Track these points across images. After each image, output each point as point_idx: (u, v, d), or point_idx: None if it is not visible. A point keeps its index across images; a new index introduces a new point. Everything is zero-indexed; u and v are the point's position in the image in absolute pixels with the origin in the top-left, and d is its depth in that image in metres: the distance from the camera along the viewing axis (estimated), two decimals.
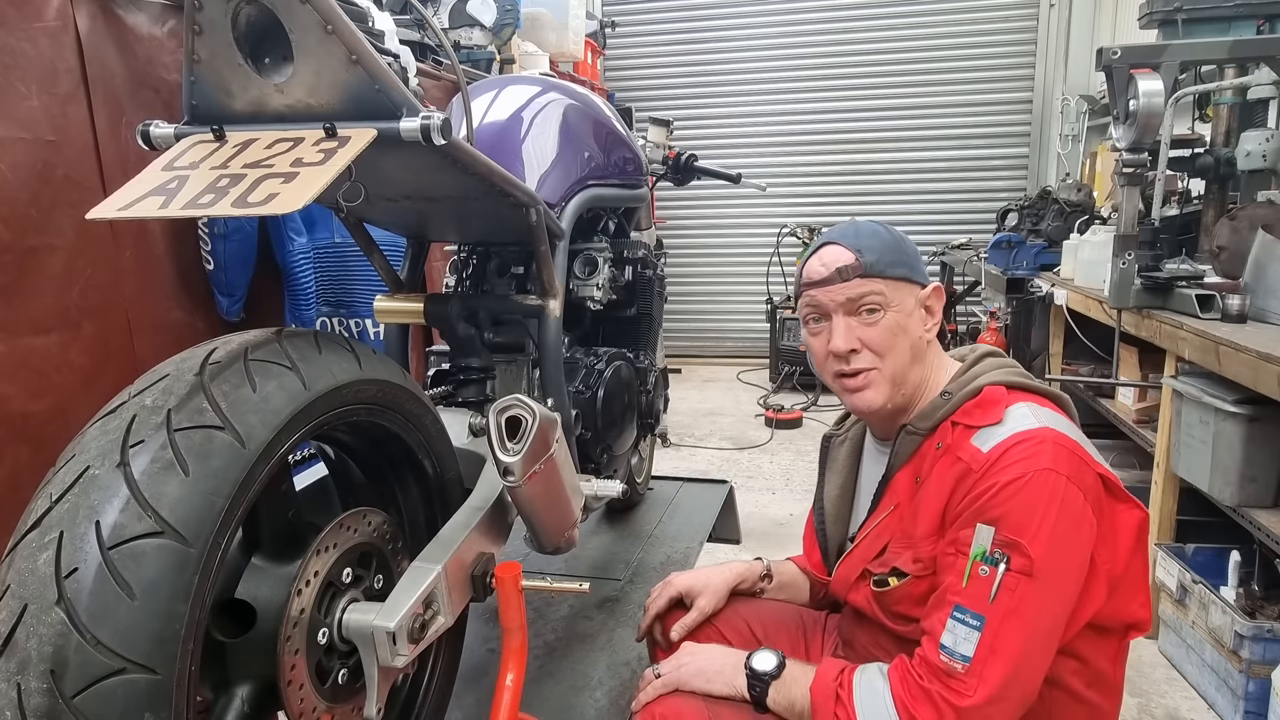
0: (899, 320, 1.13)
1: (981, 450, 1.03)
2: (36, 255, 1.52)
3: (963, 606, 0.98)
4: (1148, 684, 2.15)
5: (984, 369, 1.15)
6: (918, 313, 1.16)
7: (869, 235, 1.16)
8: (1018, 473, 0.99)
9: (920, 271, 1.17)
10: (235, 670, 0.95)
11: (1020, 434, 1.02)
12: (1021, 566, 0.96)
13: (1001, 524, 0.98)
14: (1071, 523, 0.98)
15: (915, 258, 1.17)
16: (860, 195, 5.72)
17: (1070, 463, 1.00)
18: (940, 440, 1.11)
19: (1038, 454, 1.00)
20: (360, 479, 1.24)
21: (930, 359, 1.18)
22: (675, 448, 4.09)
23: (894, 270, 1.13)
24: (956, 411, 1.11)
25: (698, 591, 1.35)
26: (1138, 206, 2.36)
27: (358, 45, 0.92)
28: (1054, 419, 1.06)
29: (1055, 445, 1.00)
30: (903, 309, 1.14)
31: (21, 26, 1.48)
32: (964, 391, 1.11)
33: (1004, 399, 1.08)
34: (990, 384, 1.11)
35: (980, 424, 1.06)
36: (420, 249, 1.62)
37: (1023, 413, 1.06)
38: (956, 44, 5.44)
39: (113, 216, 0.85)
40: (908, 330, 1.14)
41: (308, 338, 0.98)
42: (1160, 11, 2.69)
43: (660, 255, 2.09)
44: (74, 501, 0.76)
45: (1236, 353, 1.86)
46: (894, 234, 1.17)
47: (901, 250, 1.15)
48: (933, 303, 1.17)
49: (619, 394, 1.75)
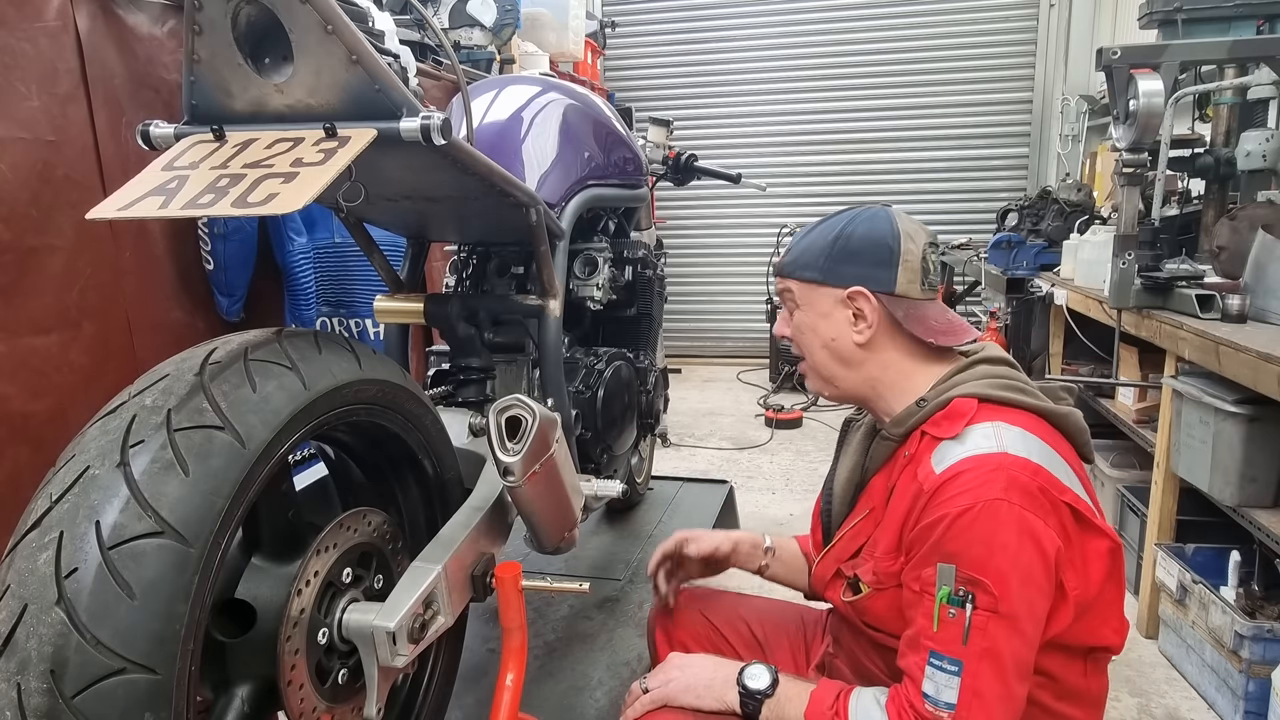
0: (808, 319, 1.16)
1: (934, 471, 1.01)
2: (36, 255, 1.52)
3: (938, 652, 0.96)
4: (1148, 684, 2.15)
5: (966, 377, 1.11)
6: (837, 315, 1.14)
7: (810, 235, 1.17)
8: (967, 503, 0.96)
9: (842, 275, 1.13)
10: (235, 670, 0.95)
11: (973, 459, 0.99)
12: (987, 604, 0.94)
13: (959, 561, 0.95)
14: (1031, 550, 0.95)
15: (841, 261, 1.13)
16: (860, 195, 5.71)
17: (1026, 491, 0.96)
18: (909, 449, 1.10)
19: (988, 482, 0.96)
20: (360, 479, 1.24)
21: (877, 361, 1.14)
22: (675, 448, 4.09)
23: (802, 272, 1.16)
24: (926, 421, 1.08)
25: (693, 539, 1.39)
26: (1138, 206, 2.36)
27: (358, 45, 0.92)
28: (1020, 441, 1.01)
29: (1009, 473, 0.97)
30: (814, 308, 1.15)
31: (21, 26, 1.48)
32: (935, 401, 1.09)
33: (970, 413, 1.05)
34: (963, 395, 1.07)
35: (943, 436, 1.04)
36: (420, 249, 1.62)
37: (984, 433, 1.02)
38: (956, 44, 5.44)
39: (113, 216, 0.85)
40: (818, 329, 1.15)
41: (308, 338, 0.98)
42: (1160, 11, 2.69)
43: (660, 255, 2.09)
44: (74, 501, 0.76)
45: (1236, 353, 1.86)
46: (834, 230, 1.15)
47: (823, 254, 1.14)
48: (860, 305, 1.12)
49: (619, 394, 1.75)
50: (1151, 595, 2.33)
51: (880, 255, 1.12)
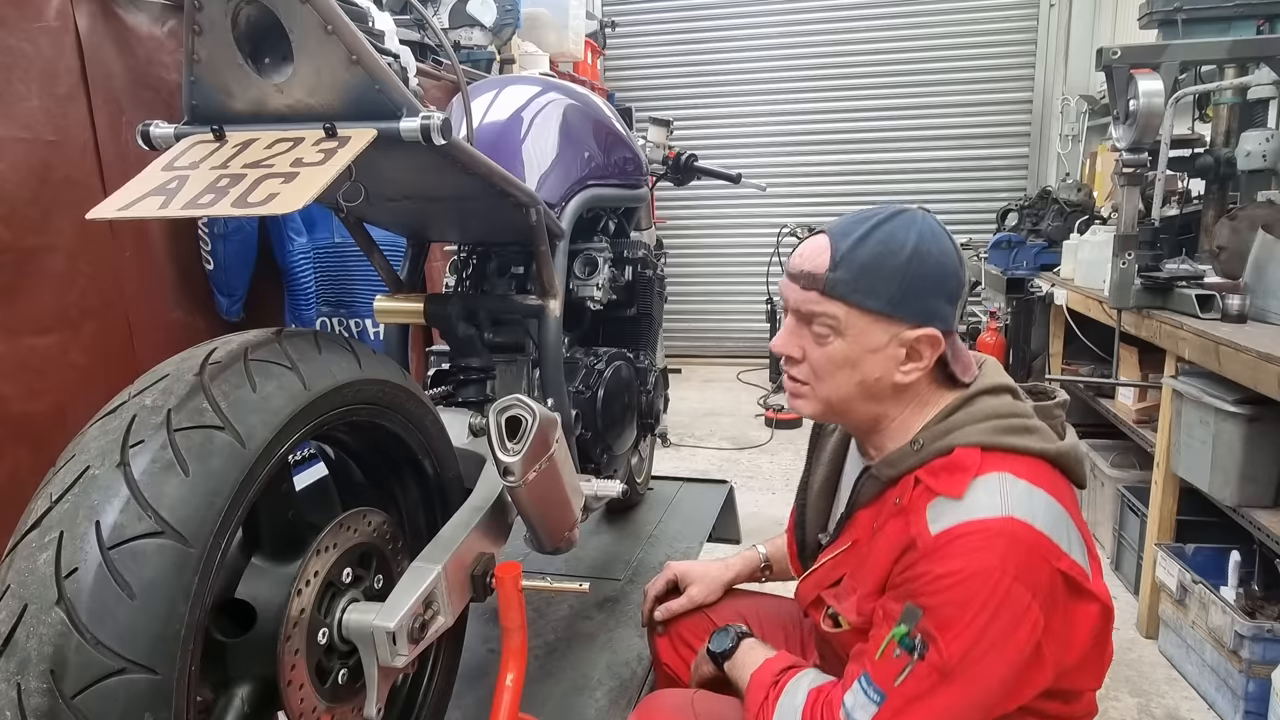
0: (850, 353, 1.01)
1: (930, 531, 0.94)
2: (36, 255, 1.52)
3: (869, 677, 0.95)
4: (1148, 684, 2.15)
5: (966, 419, 1.00)
6: (889, 352, 1.00)
7: (867, 245, 0.99)
8: (958, 565, 0.90)
9: (913, 309, 0.99)
10: (235, 670, 0.95)
11: (975, 522, 0.92)
12: (935, 662, 0.91)
13: (929, 613, 0.91)
14: (1008, 626, 0.90)
15: (914, 292, 0.98)
16: (860, 195, 5.71)
17: (1024, 560, 0.90)
18: (900, 495, 1.01)
19: (987, 549, 0.90)
20: (360, 479, 1.24)
21: (901, 401, 1.04)
22: (675, 448, 4.09)
23: (866, 300, 0.98)
24: (922, 467, 1.00)
25: (692, 580, 1.40)
26: (1138, 206, 2.36)
27: (358, 45, 0.92)
28: (1026, 499, 0.94)
29: (1010, 540, 0.90)
30: (862, 343, 1.00)
31: (21, 26, 1.48)
32: (934, 448, 1.00)
33: (975, 466, 0.96)
34: (966, 444, 0.98)
35: (940, 491, 0.96)
36: (420, 249, 1.62)
37: (989, 490, 0.94)
38: (956, 44, 5.44)
39: (113, 216, 0.85)
40: (858, 366, 1.01)
41: (308, 338, 0.98)
42: (1160, 11, 2.69)
43: (660, 255, 2.09)
44: (74, 501, 0.76)
45: (1236, 353, 1.86)
46: (905, 250, 0.98)
47: (895, 280, 0.98)
48: (922, 347, 1.00)
49: (619, 394, 1.75)
50: (1151, 595, 2.33)
51: (951, 288, 1.00)
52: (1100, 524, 2.94)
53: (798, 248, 1.06)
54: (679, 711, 1.16)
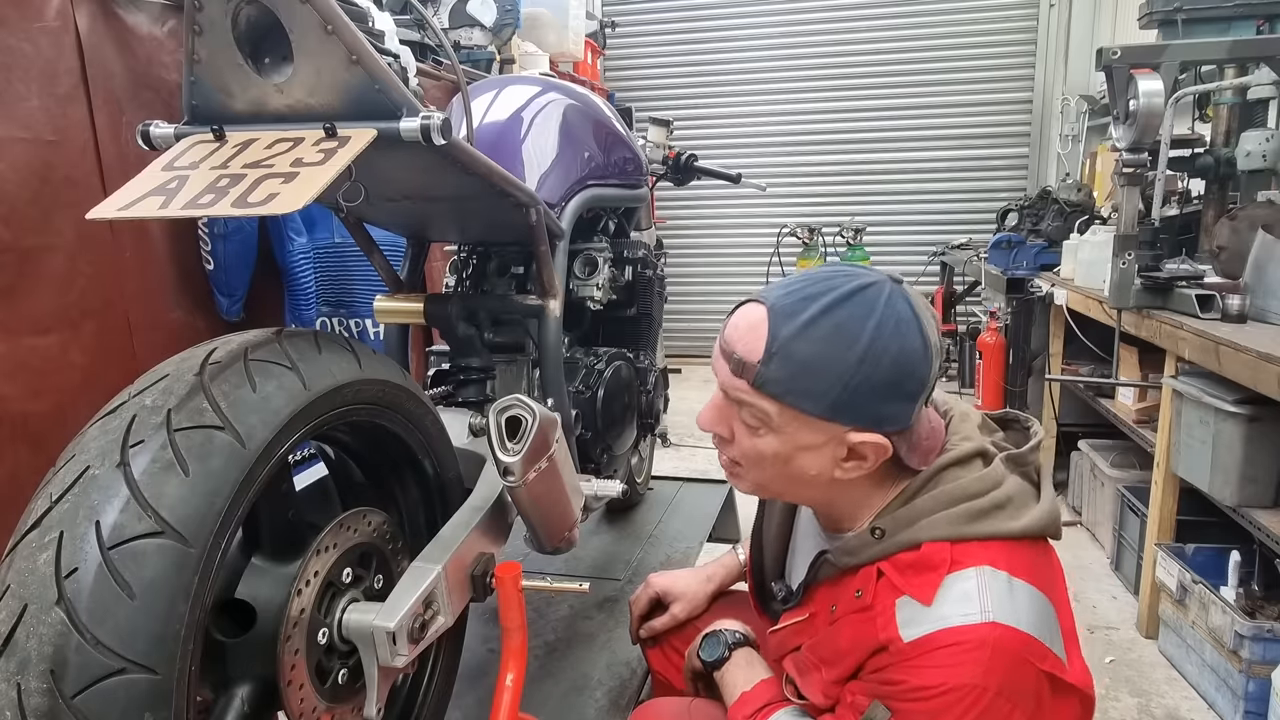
0: (781, 450, 0.91)
1: (902, 638, 0.86)
2: (36, 255, 1.52)
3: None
4: (1148, 684, 2.15)
5: (930, 506, 0.90)
6: (827, 451, 0.90)
7: (810, 336, 0.86)
8: (937, 680, 0.83)
9: (859, 416, 0.87)
10: (235, 670, 0.95)
11: (955, 631, 0.84)
12: None
13: (898, 718, 0.85)
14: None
15: (862, 397, 0.86)
16: (860, 195, 5.72)
17: (1008, 672, 0.83)
18: (862, 587, 0.92)
19: (967, 663, 0.83)
20: (360, 479, 1.23)
21: (844, 490, 0.95)
22: (675, 448, 4.09)
23: (801, 402, 0.87)
24: (886, 559, 0.91)
25: (675, 596, 1.36)
26: (1138, 206, 2.36)
27: (358, 45, 0.92)
28: (1008, 598, 0.85)
29: (994, 650, 0.83)
30: (795, 441, 0.90)
31: (21, 26, 1.48)
32: (898, 540, 0.90)
33: (945, 564, 0.87)
34: (933, 540, 0.88)
35: (908, 592, 0.87)
36: (420, 249, 1.62)
37: (964, 592, 0.85)
38: (956, 44, 5.44)
39: (113, 216, 0.85)
40: (791, 463, 0.91)
41: (308, 338, 0.98)
42: (1160, 11, 2.69)
43: (660, 255, 2.09)
44: (74, 501, 0.76)
45: (1236, 353, 1.86)
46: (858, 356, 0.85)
47: (839, 384, 0.85)
48: (865, 450, 0.89)
49: (619, 394, 1.75)
50: (1151, 595, 2.33)
51: (911, 388, 0.88)
52: (1100, 524, 2.94)
53: (732, 316, 0.94)
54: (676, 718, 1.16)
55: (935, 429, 0.97)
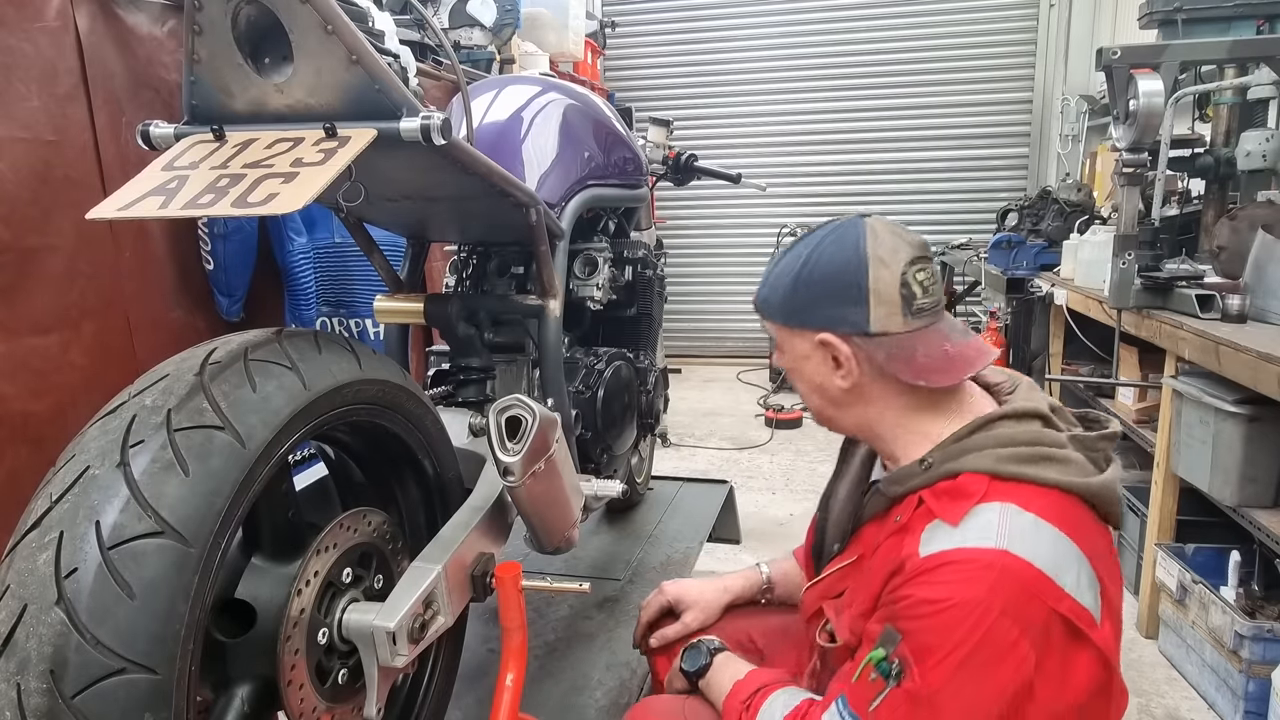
0: (792, 364, 1.07)
1: (918, 554, 0.91)
2: (36, 255, 1.52)
3: (846, 700, 0.93)
4: (1148, 684, 2.15)
5: (981, 443, 0.96)
6: (815, 358, 1.03)
7: (780, 261, 1.06)
8: (940, 594, 0.87)
9: (805, 316, 1.02)
10: (235, 670, 0.95)
11: (964, 551, 0.88)
12: (910, 690, 0.87)
13: (907, 638, 0.89)
14: (991, 658, 0.86)
15: (804, 300, 1.01)
16: (860, 195, 5.71)
17: (1015, 596, 0.86)
18: (903, 513, 0.99)
19: (973, 581, 0.86)
20: (360, 479, 1.24)
21: (870, 405, 1.03)
22: (675, 448, 4.09)
23: (775, 315, 1.06)
24: (927, 488, 0.97)
25: (688, 604, 1.33)
26: (1138, 206, 2.36)
27: (358, 45, 0.92)
28: (1030, 534, 0.89)
29: (1001, 574, 0.86)
30: (794, 353, 1.06)
31: (21, 26, 1.48)
32: (942, 470, 0.96)
33: (977, 494, 0.92)
34: (973, 471, 0.94)
35: (938, 515, 0.93)
36: (420, 249, 1.62)
37: (987, 522, 0.90)
38: (956, 44, 5.44)
39: (113, 216, 0.85)
40: (802, 375, 1.06)
41: (308, 338, 0.98)
42: (1160, 11, 2.69)
43: (660, 255, 2.09)
44: (74, 501, 0.76)
45: (1236, 353, 1.86)
46: (798, 261, 1.02)
47: (789, 291, 1.03)
48: (834, 351, 1.00)
49: (619, 394, 1.75)
50: (1151, 595, 2.33)
51: (846, 293, 0.99)
52: None
53: None
54: (670, 717, 1.16)
55: (954, 355, 1.00)
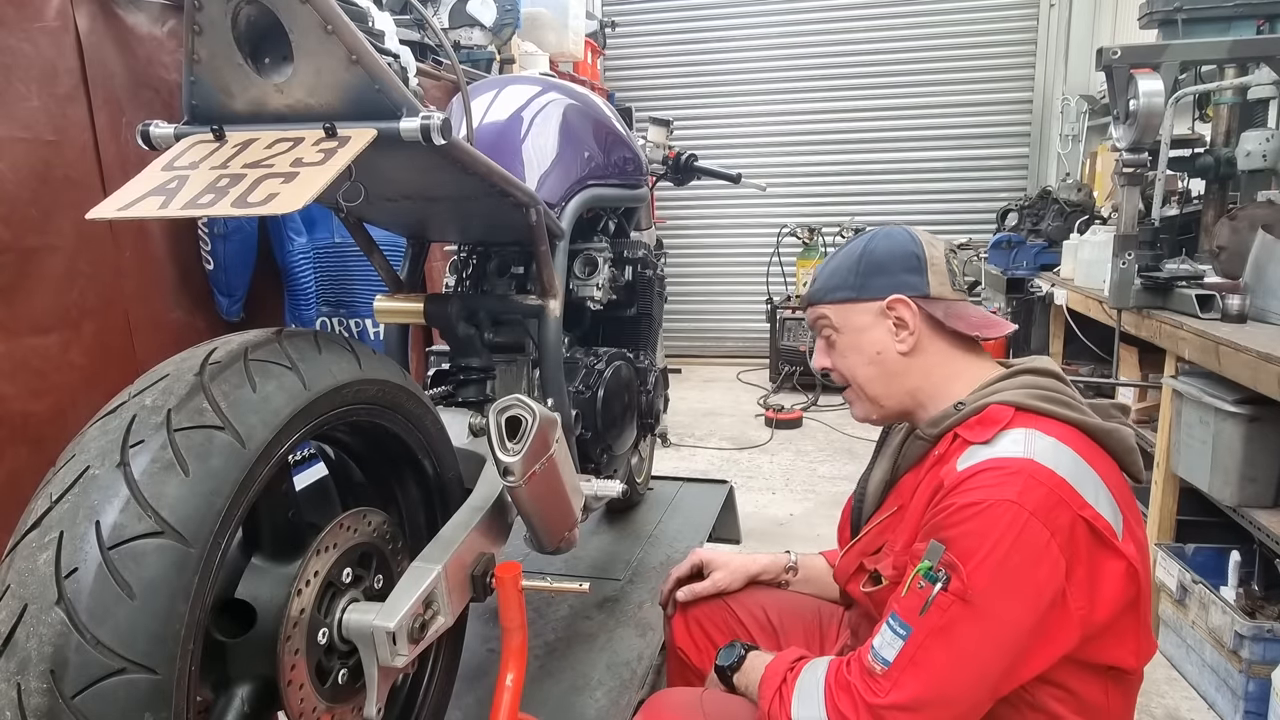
0: (850, 340, 1.17)
1: (956, 469, 1.01)
2: (36, 255, 1.52)
3: (896, 614, 0.99)
4: (1148, 684, 2.14)
5: (1007, 385, 1.09)
6: (879, 327, 1.14)
7: (834, 260, 1.20)
8: (978, 498, 0.96)
9: (872, 287, 1.14)
10: (235, 670, 0.95)
11: (997, 460, 0.99)
12: (957, 590, 0.94)
13: (950, 545, 0.96)
14: (1027, 559, 0.94)
15: (872, 274, 1.14)
16: (860, 195, 5.72)
17: (1043, 499, 0.95)
18: (940, 449, 1.10)
19: (1005, 483, 0.96)
20: (360, 479, 1.24)
21: (920, 368, 1.14)
22: (675, 448, 4.09)
23: (835, 295, 1.17)
24: (961, 424, 1.08)
25: (717, 566, 1.43)
26: (1138, 206, 2.36)
27: (358, 45, 0.92)
28: (1051, 451, 0.99)
29: (1029, 478, 0.96)
30: (853, 329, 1.16)
31: (21, 26, 1.48)
32: (972, 406, 1.08)
33: (1004, 420, 1.04)
34: (1000, 402, 1.06)
35: (974, 440, 1.04)
36: (420, 249, 1.62)
37: (1014, 438, 1.01)
38: (956, 44, 5.44)
39: (113, 216, 0.85)
40: (862, 349, 1.16)
41: (308, 338, 0.98)
42: (1160, 11, 2.69)
43: (660, 255, 2.09)
44: (74, 501, 0.76)
45: (1236, 353, 1.86)
46: (857, 251, 1.17)
47: (853, 272, 1.15)
48: (901, 312, 1.13)
49: (619, 394, 1.75)
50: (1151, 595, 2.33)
51: (909, 263, 1.14)
52: None
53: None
54: (687, 710, 1.16)
55: (992, 318, 1.18)
